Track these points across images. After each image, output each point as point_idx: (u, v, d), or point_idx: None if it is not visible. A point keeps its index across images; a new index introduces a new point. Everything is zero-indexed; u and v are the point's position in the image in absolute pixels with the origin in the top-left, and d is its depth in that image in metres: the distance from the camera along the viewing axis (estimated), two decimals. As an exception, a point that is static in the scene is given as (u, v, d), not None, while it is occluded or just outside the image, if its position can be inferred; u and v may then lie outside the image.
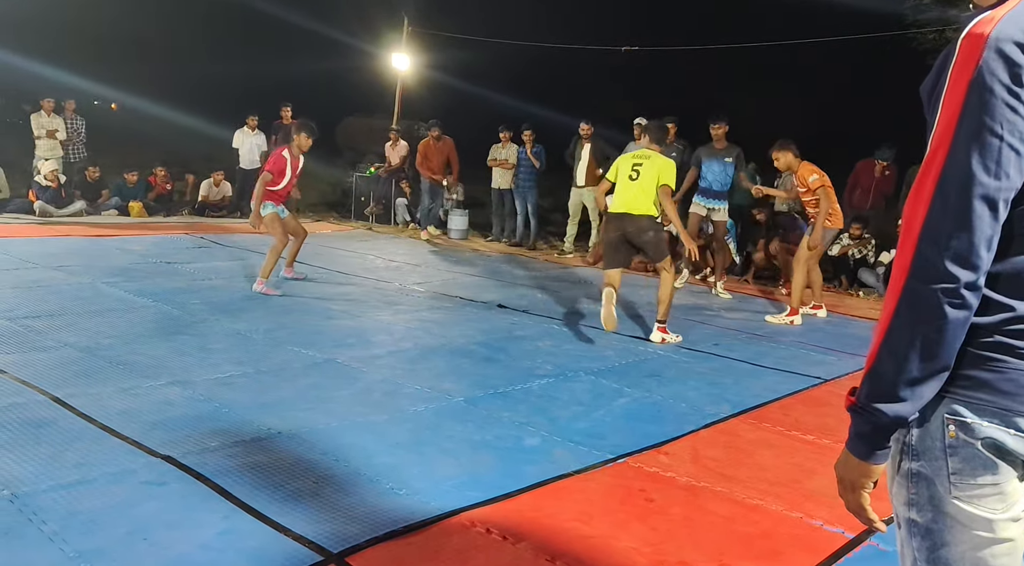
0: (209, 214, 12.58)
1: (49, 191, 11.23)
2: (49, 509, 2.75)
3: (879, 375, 1.27)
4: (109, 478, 3.03)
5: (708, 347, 5.90)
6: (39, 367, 4.33)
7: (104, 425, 3.55)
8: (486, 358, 5.22)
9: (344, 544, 2.64)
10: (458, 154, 11.60)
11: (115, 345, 4.88)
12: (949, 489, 1.28)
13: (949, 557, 1.30)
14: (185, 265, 8.02)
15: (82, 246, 8.85)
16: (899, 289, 1.24)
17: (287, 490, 3.03)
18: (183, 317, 5.75)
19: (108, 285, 6.69)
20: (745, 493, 3.30)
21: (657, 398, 4.57)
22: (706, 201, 8.32)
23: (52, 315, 5.51)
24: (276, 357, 4.88)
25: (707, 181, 8.28)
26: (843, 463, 1.36)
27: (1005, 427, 1.25)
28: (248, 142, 12.80)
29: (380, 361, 4.96)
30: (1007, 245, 1.24)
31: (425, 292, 7.46)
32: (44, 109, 11.78)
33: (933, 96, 1.27)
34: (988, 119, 1.18)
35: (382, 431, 3.76)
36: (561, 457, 3.57)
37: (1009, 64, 1.18)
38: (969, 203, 1.19)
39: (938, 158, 1.22)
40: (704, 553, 2.76)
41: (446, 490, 3.12)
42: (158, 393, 4.06)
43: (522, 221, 11.49)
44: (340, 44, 21.54)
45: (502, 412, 4.13)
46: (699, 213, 8.36)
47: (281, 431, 3.64)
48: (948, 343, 1.22)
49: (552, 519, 2.94)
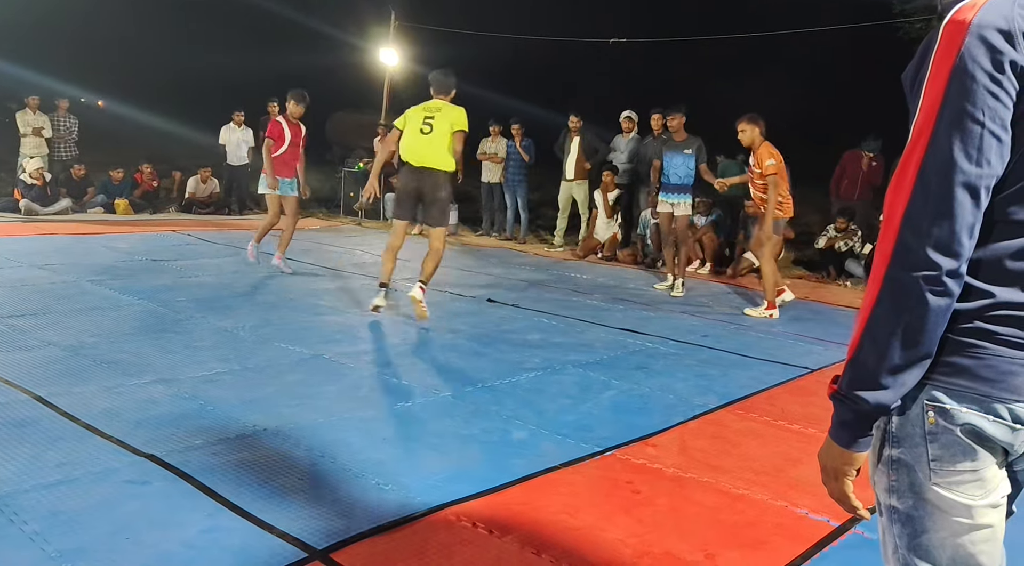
0: (196, 211, 12.52)
1: (34, 189, 11.15)
2: (31, 509, 2.72)
3: (861, 363, 1.26)
4: (92, 477, 3.00)
5: (696, 339, 5.91)
6: (22, 366, 4.29)
7: (87, 424, 3.52)
8: (474, 352, 5.21)
9: (329, 540, 2.62)
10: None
11: (100, 343, 4.84)
12: (929, 476, 1.28)
13: (929, 543, 1.29)
14: (172, 262, 7.98)
15: (67, 244, 8.79)
16: (880, 277, 1.23)
17: (272, 487, 3.01)
18: (169, 315, 5.72)
19: (93, 283, 6.64)
20: (731, 483, 3.30)
21: (645, 390, 4.56)
22: (668, 196, 7.96)
23: (36, 314, 5.47)
24: (262, 354, 4.85)
25: (667, 175, 7.93)
26: (826, 451, 1.36)
27: (984, 413, 1.24)
28: (235, 138, 12.74)
29: (367, 357, 4.94)
30: (988, 232, 1.23)
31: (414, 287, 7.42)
32: (30, 107, 11.70)
33: (915, 83, 1.26)
34: (969, 106, 1.17)
35: (369, 427, 3.74)
36: (548, 450, 3.56)
37: (991, 51, 1.17)
38: (950, 191, 1.18)
39: (919, 145, 1.21)
40: (689, 543, 2.76)
41: (433, 485, 3.11)
42: (142, 391, 4.03)
43: (512, 215, 11.48)
44: (327, 38, 21.44)
45: (490, 406, 4.12)
46: (667, 212, 8.00)
47: (267, 428, 3.62)
48: (930, 331, 1.21)
49: (539, 512, 2.94)
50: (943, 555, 1.29)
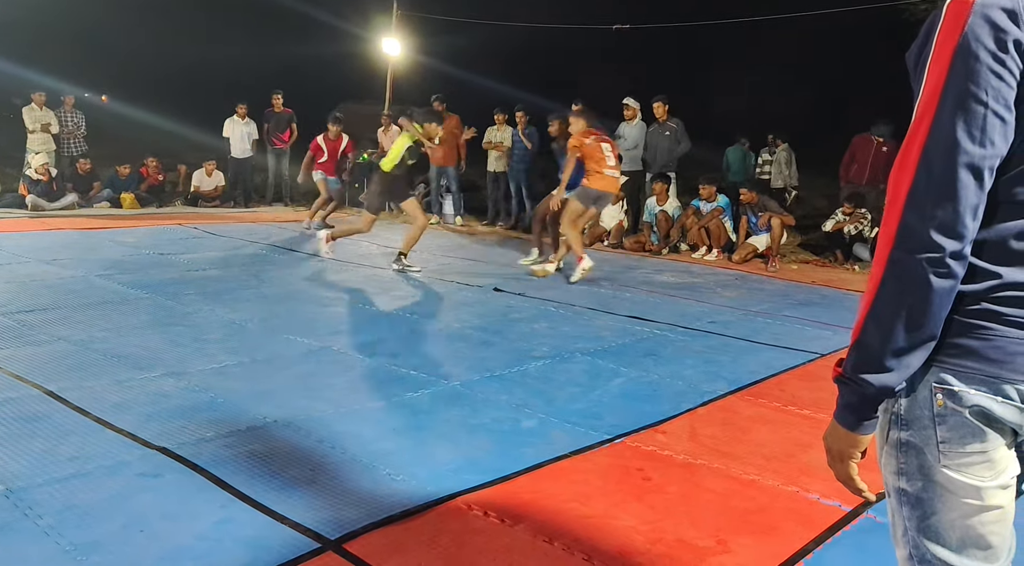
0: (202, 204, 12.54)
1: (40, 185, 11.17)
2: (45, 503, 2.74)
3: (865, 345, 1.26)
4: (104, 471, 3.02)
5: (704, 325, 5.90)
6: (33, 361, 4.32)
7: (99, 418, 3.54)
8: (482, 342, 5.21)
9: (342, 530, 2.64)
10: None
11: (109, 338, 4.87)
12: (938, 458, 1.28)
13: (939, 525, 1.29)
14: (178, 256, 8.00)
15: (74, 239, 8.81)
16: (884, 259, 1.23)
17: (283, 478, 3.03)
18: (177, 308, 5.74)
19: (101, 278, 6.66)
20: (742, 469, 3.30)
21: (654, 377, 4.56)
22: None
23: (45, 309, 5.50)
24: (271, 346, 4.87)
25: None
26: (831, 433, 1.37)
27: (993, 395, 1.24)
28: (239, 131, 12.74)
29: (375, 347, 4.96)
30: (993, 212, 1.22)
31: (421, 277, 7.44)
32: (35, 102, 11.71)
33: (919, 63, 1.25)
34: (973, 86, 1.16)
35: (378, 417, 3.75)
36: (558, 438, 3.57)
37: (995, 30, 1.16)
38: (954, 171, 1.17)
39: (923, 126, 1.20)
40: (701, 530, 2.77)
41: (443, 474, 3.12)
42: (153, 385, 4.05)
43: (517, 204, 11.45)
44: (329, 29, 21.41)
45: (499, 395, 4.13)
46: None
47: (277, 420, 3.63)
48: (934, 313, 1.21)
49: (550, 500, 2.94)
50: (953, 536, 1.29)
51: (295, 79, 19.08)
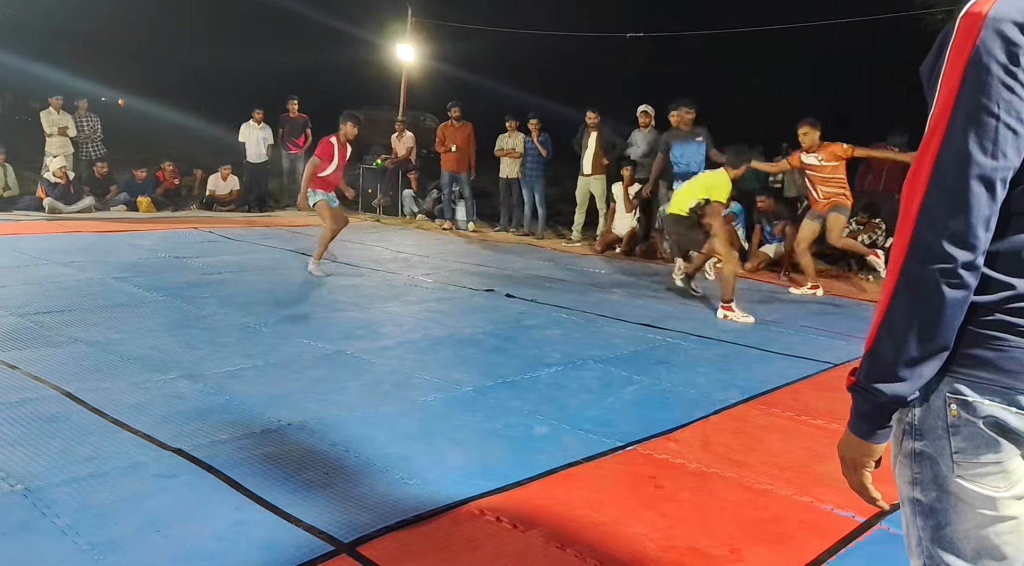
0: (217, 208, 12.63)
1: (58, 188, 11.29)
2: (62, 503, 2.78)
3: (878, 355, 1.27)
4: (121, 471, 3.06)
5: (717, 334, 5.89)
6: (51, 362, 4.36)
7: (115, 419, 3.58)
8: (495, 348, 5.23)
9: (355, 534, 2.65)
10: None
11: (125, 340, 4.91)
12: (952, 468, 1.28)
13: (953, 535, 1.30)
14: (194, 259, 8.06)
15: (91, 242, 8.90)
16: (897, 270, 1.24)
17: (298, 481, 3.05)
18: (192, 311, 5.78)
19: (118, 280, 6.73)
20: (755, 478, 3.30)
21: (666, 385, 4.56)
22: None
23: (63, 311, 5.55)
24: (285, 350, 4.90)
25: (682, 165, 8.42)
26: (845, 443, 1.38)
27: (1007, 405, 1.24)
28: (255, 136, 12.83)
29: (389, 352, 4.98)
30: (1006, 224, 1.23)
31: (433, 283, 7.47)
32: (53, 106, 11.85)
33: (932, 76, 1.26)
34: (985, 99, 1.17)
35: (392, 422, 3.77)
36: (570, 445, 3.58)
37: (1007, 43, 1.17)
38: (966, 184, 1.18)
39: (935, 139, 1.21)
40: (714, 538, 2.77)
41: (456, 479, 3.13)
42: (169, 387, 4.09)
43: (529, 210, 11.48)
44: (344, 35, 21.49)
45: (511, 401, 4.14)
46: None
47: (291, 423, 3.66)
48: (946, 323, 1.22)
49: (562, 507, 2.95)
50: (967, 547, 1.29)
51: (311, 85, 19.21)
